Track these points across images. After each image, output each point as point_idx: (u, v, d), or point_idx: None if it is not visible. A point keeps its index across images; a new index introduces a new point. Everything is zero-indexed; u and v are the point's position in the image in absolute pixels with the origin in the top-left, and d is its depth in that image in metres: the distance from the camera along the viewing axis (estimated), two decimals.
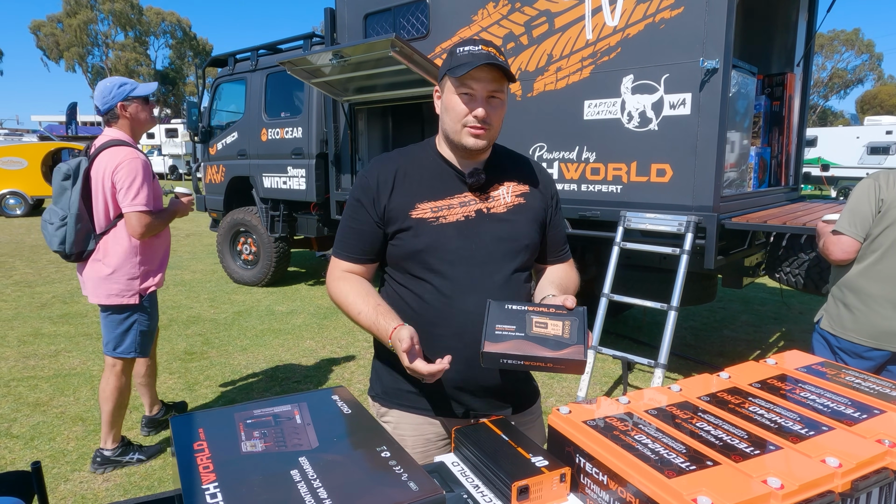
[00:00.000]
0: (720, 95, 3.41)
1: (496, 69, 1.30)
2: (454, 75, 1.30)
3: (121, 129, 2.87)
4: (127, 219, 2.79)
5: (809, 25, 4.82)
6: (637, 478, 0.87)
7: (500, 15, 4.32)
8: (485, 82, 1.31)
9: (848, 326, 2.32)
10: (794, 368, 1.30)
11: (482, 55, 1.29)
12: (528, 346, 1.16)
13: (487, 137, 1.37)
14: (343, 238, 1.46)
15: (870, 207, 2.22)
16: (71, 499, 2.75)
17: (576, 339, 1.17)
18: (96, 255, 2.84)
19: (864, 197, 2.22)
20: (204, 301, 6.48)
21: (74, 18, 43.61)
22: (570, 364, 1.14)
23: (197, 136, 7.50)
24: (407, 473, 0.82)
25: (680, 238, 3.53)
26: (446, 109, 1.38)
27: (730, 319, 5.95)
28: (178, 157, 27.67)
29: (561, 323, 1.20)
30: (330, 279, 1.46)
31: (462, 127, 1.35)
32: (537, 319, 1.21)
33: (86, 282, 2.90)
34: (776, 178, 4.95)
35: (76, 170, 2.77)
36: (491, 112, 1.34)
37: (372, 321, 1.33)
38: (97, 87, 2.84)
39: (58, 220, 2.77)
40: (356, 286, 1.41)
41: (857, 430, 0.99)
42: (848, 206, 2.27)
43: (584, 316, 1.23)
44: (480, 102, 1.33)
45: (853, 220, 2.24)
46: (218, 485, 0.79)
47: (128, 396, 3.05)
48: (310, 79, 5.29)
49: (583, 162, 4.08)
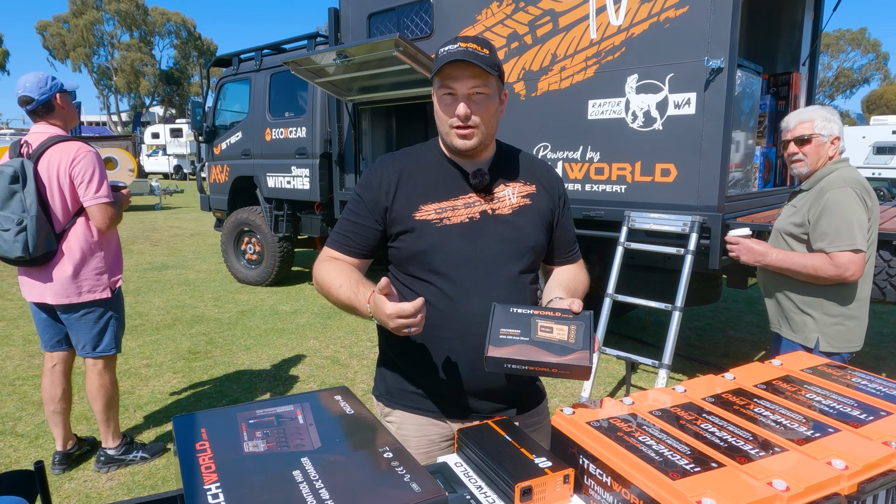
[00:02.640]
0: (725, 95, 3.40)
1: (473, 65, 1.25)
2: (432, 75, 1.30)
3: (55, 123, 2.76)
4: (91, 212, 2.75)
5: (815, 24, 4.79)
6: (641, 479, 0.87)
7: (504, 14, 4.31)
8: (463, 80, 1.28)
9: (853, 338, 2.27)
10: (800, 370, 1.29)
11: (458, 52, 1.25)
12: (533, 351, 1.14)
13: (477, 136, 1.34)
14: (339, 230, 1.45)
15: (867, 216, 2.20)
16: (75, 497, 2.76)
17: (581, 345, 1.15)
18: (59, 255, 2.73)
19: (862, 208, 2.19)
20: (208, 300, 6.49)
21: (80, 19, 43.76)
22: (576, 370, 1.12)
23: (201, 135, 7.52)
24: (409, 474, 0.82)
25: (684, 238, 3.52)
26: (436, 112, 1.37)
27: (734, 320, 5.93)
28: (183, 156, 27.76)
29: (567, 327, 1.18)
30: (317, 262, 1.45)
31: (450, 128, 1.34)
32: (542, 324, 1.19)
33: (50, 284, 2.75)
34: (781, 177, 4.93)
35: (22, 171, 2.61)
36: (475, 109, 1.31)
37: (352, 291, 1.29)
38: (28, 79, 2.68)
39: (14, 226, 2.59)
40: (341, 266, 1.39)
41: (864, 431, 0.99)
42: (850, 220, 2.15)
43: (591, 320, 1.21)
44: (462, 100, 1.30)
45: (863, 232, 2.17)
46: (220, 485, 0.79)
47: (116, 391, 3.04)
48: (314, 78, 5.30)
49: (587, 162, 4.07)
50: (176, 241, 10.68)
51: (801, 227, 2.29)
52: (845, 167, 2.30)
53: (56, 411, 2.94)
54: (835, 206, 2.17)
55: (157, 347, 4.88)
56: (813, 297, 2.28)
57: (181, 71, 50.13)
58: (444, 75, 1.29)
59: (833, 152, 2.32)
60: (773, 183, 4.81)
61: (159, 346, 4.92)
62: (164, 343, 5.00)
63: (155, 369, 4.38)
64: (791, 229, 2.34)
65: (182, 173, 28.26)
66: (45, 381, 2.94)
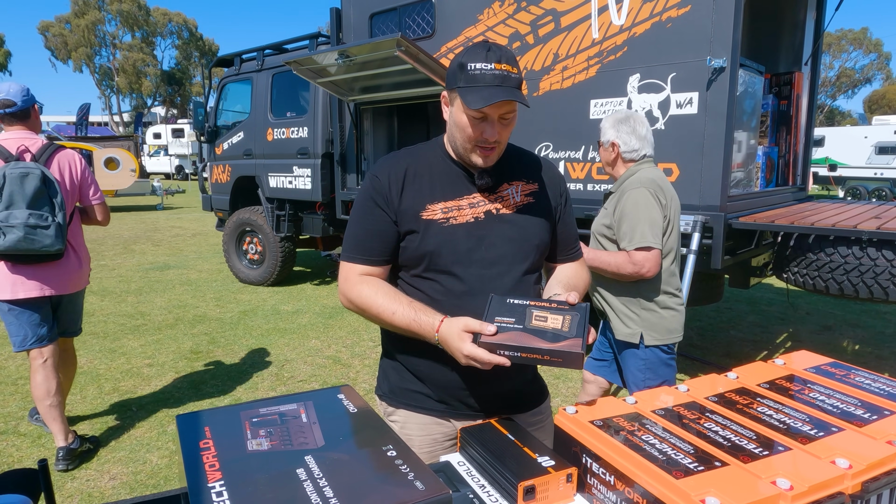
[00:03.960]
0: (727, 94, 3.39)
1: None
2: (469, 106, 1.24)
3: (30, 129, 2.96)
4: (98, 210, 3.15)
5: (817, 24, 4.78)
6: (644, 478, 0.87)
7: (506, 14, 4.31)
8: (498, 106, 1.26)
9: (675, 328, 2.38)
10: (803, 369, 1.29)
11: (498, 91, 1.22)
12: (526, 338, 1.14)
13: (496, 153, 1.35)
14: (358, 241, 1.40)
15: (661, 215, 2.30)
16: (78, 496, 2.76)
17: (574, 333, 1.14)
18: (69, 248, 3.01)
19: (656, 207, 2.28)
20: (210, 300, 6.50)
21: (82, 19, 43.84)
22: (568, 357, 1.11)
23: (203, 135, 7.53)
24: (413, 473, 0.82)
25: (687, 238, 3.51)
26: (456, 125, 1.33)
27: (737, 320, 5.92)
28: (185, 156, 27.78)
29: (561, 317, 1.18)
30: (348, 285, 1.38)
31: (473, 146, 1.33)
32: (537, 313, 1.20)
33: (67, 274, 3.00)
34: (784, 177, 4.93)
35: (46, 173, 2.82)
36: (502, 131, 1.31)
37: (411, 318, 1.28)
38: (11, 86, 2.90)
39: (52, 223, 2.81)
40: (382, 287, 1.36)
41: (868, 431, 0.98)
42: (643, 220, 2.25)
43: (587, 312, 1.21)
44: (492, 125, 1.29)
45: (655, 231, 2.26)
46: (224, 483, 0.79)
47: None
48: (315, 78, 5.30)
49: (588, 161, 4.07)
50: (178, 241, 10.70)
51: (610, 229, 2.41)
52: (647, 167, 2.41)
53: (53, 405, 3.00)
54: (630, 207, 2.29)
55: (158, 347, 4.88)
56: (630, 296, 2.40)
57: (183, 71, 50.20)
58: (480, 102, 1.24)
59: (617, 154, 2.43)
60: (775, 183, 4.80)
61: (161, 345, 4.93)
62: (166, 343, 5.00)
63: (157, 369, 4.39)
64: (603, 230, 2.47)
65: (184, 173, 28.29)
66: (38, 378, 2.98)
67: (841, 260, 3.25)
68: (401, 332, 1.33)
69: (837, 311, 6.17)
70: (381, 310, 1.32)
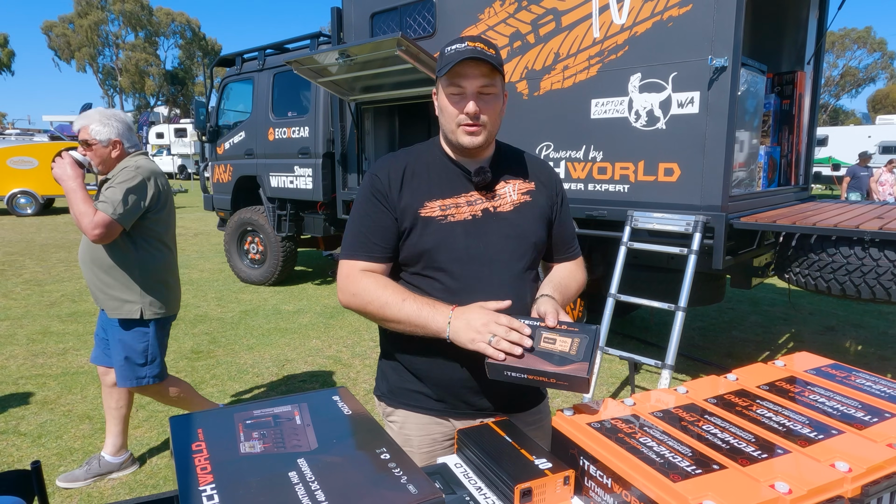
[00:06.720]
0: (729, 94, 3.38)
1: (483, 63, 1.27)
2: (441, 74, 1.30)
3: None
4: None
5: (820, 23, 4.76)
6: (642, 481, 0.86)
7: (507, 13, 4.30)
8: (473, 78, 1.29)
9: (171, 303, 2.80)
10: (804, 370, 1.27)
11: (467, 51, 1.27)
12: (533, 361, 1.17)
13: (484, 134, 1.35)
14: (358, 239, 1.39)
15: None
16: (77, 497, 2.76)
17: (582, 356, 1.16)
18: None
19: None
20: (211, 300, 6.50)
21: (85, 19, 43.97)
22: (574, 381, 1.14)
23: (205, 135, 7.53)
24: (406, 476, 0.81)
25: (688, 238, 3.50)
26: (441, 110, 1.37)
27: (738, 320, 5.91)
28: (187, 156, 27.84)
29: (570, 340, 1.20)
30: (348, 281, 1.36)
31: (457, 126, 1.34)
32: (547, 335, 1.22)
33: None
34: (786, 177, 4.90)
35: None
36: (483, 107, 1.32)
37: (423, 302, 1.28)
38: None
39: None
40: (384, 280, 1.35)
41: (868, 433, 0.97)
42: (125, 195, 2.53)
43: (596, 335, 1.21)
44: (471, 98, 1.31)
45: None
46: (215, 486, 0.78)
47: None
48: (316, 78, 5.30)
49: (590, 161, 4.06)
50: (179, 241, 10.67)
51: None
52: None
53: None
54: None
55: None
56: (121, 272, 2.64)
57: (185, 71, 50.34)
58: (453, 73, 1.29)
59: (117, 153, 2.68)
60: (777, 182, 4.78)
61: None
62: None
63: None
64: None
65: (186, 173, 28.35)
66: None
67: (843, 260, 3.24)
68: (403, 327, 1.31)
69: (840, 312, 6.14)
70: (388, 300, 1.30)
